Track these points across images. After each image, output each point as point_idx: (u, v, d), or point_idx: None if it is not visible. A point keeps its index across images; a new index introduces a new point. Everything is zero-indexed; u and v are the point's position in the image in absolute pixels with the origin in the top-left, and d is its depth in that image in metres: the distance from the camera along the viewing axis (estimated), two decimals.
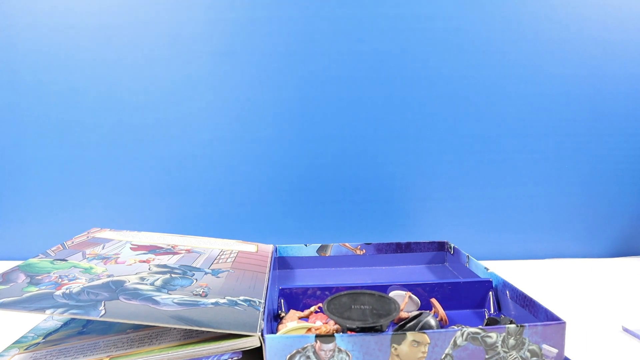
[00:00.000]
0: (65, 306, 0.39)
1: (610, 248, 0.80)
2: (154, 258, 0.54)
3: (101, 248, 0.56)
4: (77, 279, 0.45)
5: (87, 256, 0.52)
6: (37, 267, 0.47)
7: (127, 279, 0.46)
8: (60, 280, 0.44)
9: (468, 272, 0.62)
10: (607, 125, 0.77)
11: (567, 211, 0.77)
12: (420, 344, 0.39)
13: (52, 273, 0.46)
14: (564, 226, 0.80)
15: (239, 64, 0.75)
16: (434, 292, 0.53)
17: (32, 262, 0.48)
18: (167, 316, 0.39)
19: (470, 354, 0.40)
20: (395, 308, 0.41)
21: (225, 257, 0.58)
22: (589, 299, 0.58)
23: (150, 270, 0.50)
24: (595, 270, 0.71)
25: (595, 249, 0.80)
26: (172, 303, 0.42)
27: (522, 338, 0.40)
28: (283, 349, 0.38)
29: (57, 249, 0.53)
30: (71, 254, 0.52)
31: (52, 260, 0.49)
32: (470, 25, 0.75)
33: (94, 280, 0.45)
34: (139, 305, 0.41)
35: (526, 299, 0.47)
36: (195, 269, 0.52)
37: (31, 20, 0.74)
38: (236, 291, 0.47)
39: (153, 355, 0.38)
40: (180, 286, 0.47)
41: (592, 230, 0.80)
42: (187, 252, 0.59)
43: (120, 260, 0.52)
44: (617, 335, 0.48)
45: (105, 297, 0.42)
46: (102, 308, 0.39)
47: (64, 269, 0.47)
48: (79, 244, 0.56)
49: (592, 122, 0.77)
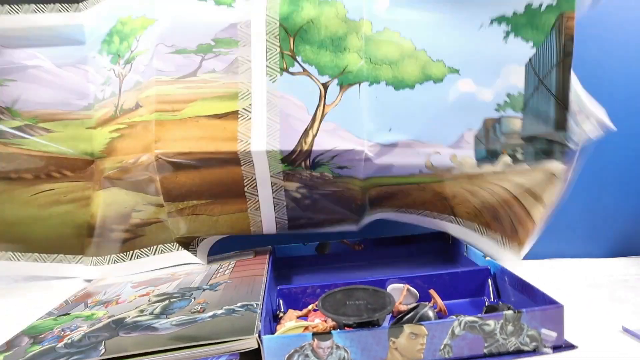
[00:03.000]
0: (67, 355, 0.39)
1: (610, 248, 0.80)
2: (153, 290, 0.55)
3: (102, 294, 0.56)
4: (79, 328, 0.45)
5: (89, 305, 0.53)
6: (40, 328, 0.47)
7: (127, 315, 0.47)
8: (62, 333, 0.44)
9: (467, 261, 0.62)
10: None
11: (567, 211, 0.77)
12: (418, 336, 0.39)
13: (54, 329, 0.46)
14: (564, 226, 0.79)
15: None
16: (432, 283, 0.52)
17: (36, 324, 0.48)
18: (165, 339, 0.40)
19: (469, 343, 0.40)
20: (390, 302, 0.41)
21: (223, 270, 0.58)
22: (589, 299, 0.58)
23: (150, 301, 0.50)
24: (595, 270, 0.71)
25: (595, 249, 0.79)
26: (171, 326, 0.43)
27: (520, 324, 0.40)
28: (281, 349, 0.38)
29: (60, 307, 0.54)
30: (74, 307, 0.53)
31: (55, 318, 0.50)
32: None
33: (96, 325, 0.45)
34: (138, 335, 0.41)
35: (524, 285, 0.47)
36: (193, 289, 0.52)
37: None
38: (234, 299, 0.47)
39: (151, 357, 0.38)
40: (179, 308, 0.47)
41: (592, 230, 0.79)
42: (186, 275, 0.59)
43: (121, 300, 0.53)
44: (617, 335, 0.48)
45: (105, 337, 0.42)
46: (102, 347, 0.40)
47: (67, 322, 0.48)
48: (81, 296, 0.57)
49: None
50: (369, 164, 0.53)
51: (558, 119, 0.52)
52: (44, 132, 0.64)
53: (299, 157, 0.54)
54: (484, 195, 0.58)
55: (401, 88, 0.53)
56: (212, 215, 0.58)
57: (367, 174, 0.55)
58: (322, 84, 0.53)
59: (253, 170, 0.55)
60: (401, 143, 0.53)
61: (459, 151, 0.54)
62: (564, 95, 0.52)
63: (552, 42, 0.52)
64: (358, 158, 0.53)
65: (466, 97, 0.53)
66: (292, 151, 0.53)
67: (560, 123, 0.52)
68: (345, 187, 0.56)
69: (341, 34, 0.52)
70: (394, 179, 0.57)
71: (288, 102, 0.53)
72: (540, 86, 0.52)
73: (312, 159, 0.54)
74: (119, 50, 0.61)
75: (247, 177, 0.56)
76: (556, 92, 0.52)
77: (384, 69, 0.53)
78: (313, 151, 0.53)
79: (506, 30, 0.53)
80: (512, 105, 0.53)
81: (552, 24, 0.51)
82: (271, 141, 0.53)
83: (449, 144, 0.54)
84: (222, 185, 0.56)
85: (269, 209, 0.58)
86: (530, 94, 0.53)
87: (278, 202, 0.58)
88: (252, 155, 0.53)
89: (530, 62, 0.52)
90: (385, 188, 0.59)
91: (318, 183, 0.56)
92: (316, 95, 0.53)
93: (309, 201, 0.58)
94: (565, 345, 0.41)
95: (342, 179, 0.56)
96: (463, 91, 0.53)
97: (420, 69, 0.53)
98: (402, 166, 0.54)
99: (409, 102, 0.53)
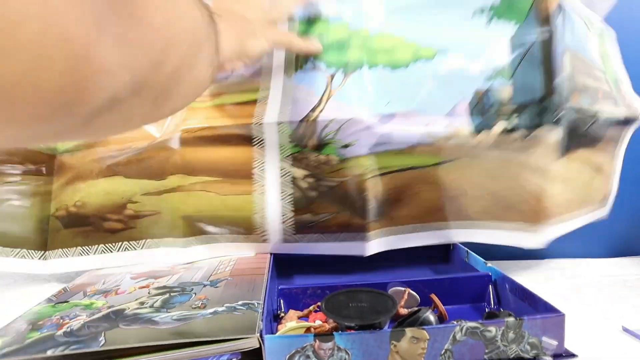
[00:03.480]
0: (66, 344, 0.39)
1: (610, 248, 0.80)
2: (153, 282, 0.54)
3: (101, 284, 0.56)
4: (78, 317, 0.45)
5: (87, 294, 0.53)
6: (38, 314, 0.47)
7: (127, 307, 0.47)
8: (61, 321, 0.44)
9: (468, 267, 0.62)
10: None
11: None
12: (419, 340, 0.39)
13: (53, 316, 0.46)
14: None
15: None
16: (433, 288, 0.52)
17: (34, 310, 0.48)
18: (166, 334, 0.40)
19: (470, 349, 0.40)
20: (393, 305, 0.41)
21: (223, 267, 0.58)
22: (589, 299, 0.58)
23: (150, 293, 0.50)
24: (595, 270, 0.71)
25: (595, 249, 0.79)
26: (171, 320, 0.43)
27: (521, 331, 0.40)
28: (282, 349, 0.38)
29: (59, 294, 0.54)
30: (72, 295, 0.52)
31: (53, 305, 0.50)
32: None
33: (95, 314, 0.45)
34: (139, 328, 0.41)
35: (525, 292, 0.47)
36: (194, 284, 0.52)
37: None
38: (235, 297, 0.47)
39: (152, 356, 0.38)
40: (179, 303, 0.47)
41: (592, 230, 0.79)
42: (186, 269, 0.59)
43: (121, 290, 0.53)
44: (617, 335, 0.48)
45: (105, 328, 0.42)
46: (102, 338, 0.40)
47: (66, 310, 0.47)
48: (79, 285, 0.57)
49: None
50: (370, 133, 0.57)
51: (547, 86, 0.56)
52: None
53: (307, 132, 0.58)
54: (494, 186, 0.61)
55: (397, 68, 0.59)
56: (220, 193, 0.61)
57: (370, 146, 0.58)
58: (329, 75, 0.59)
59: (264, 152, 0.60)
60: (399, 114, 0.57)
61: (454, 119, 0.57)
62: (550, 63, 0.56)
63: (531, 22, 0.57)
64: (360, 128, 0.57)
65: (456, 70, 0.58)
66: (300, 122, 0.58)
67: (550, 90, 0.55)
68: (351, 176, 0.59)
69: (344, 38, 0.60)
70: (397, 158, 0.59)
71: (300, 90, 0.60)
72: (527, 55, 0.56)
73: (319, 134, 0.58)
74: None
75: (258, 159, 0.60)
76: (543, 60, 0.56)
77: (381, 54, 0.60)
78: (319, 122, 0.57)
79: (488, 17, 0.59)
80: (501, 74, 0.57)
81: (530, 6, 0.57)
82: (282, 116, 0.58)
83: (444, 114, 0.57)
84: (234, 165, 0.61)
85: (275, 194, 0.60)
86: (518, 63, 0.57)
87: (284, 189, 0.60)
88: (264, 128, 0.58)
89: (514, 36, 0.57)
90: (391, 179, 0.60)
91: (325, 170, 0.59)
92: (324, 83, 0.59)
93: (315, 193, 0.60)
94: (566, 354, 0.41)
95: (347, 164, 0.59)
96: (453, 65, 0.58)
97: (411, 54, 0.59)
98: (401, 135, 0.57)
99: (404, 78, 0.59)
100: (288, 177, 0.60)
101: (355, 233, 0.61)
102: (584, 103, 0.58)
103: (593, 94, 0.60)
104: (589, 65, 0.62)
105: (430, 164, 0.60)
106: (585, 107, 0.58)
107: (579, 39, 0.61)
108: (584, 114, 0.58)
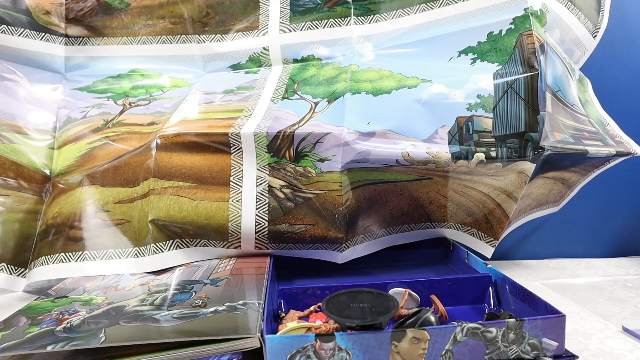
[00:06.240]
0: (66, 339, 0.39)
1: (610, 248, 0.80)
2: (153, 279, 0.54)
3: (101, 279, 0.56)
4: (77, 312, 0.45)
5: (87, 289, 0.53)
6: (38, 309, 0.47)
7: (127, 304, 0.47)
8: (61, 317, 0.44)
9: (467, 268, 0.62)
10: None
11: (567, 211, 0.77)
12: (420, 340, 0.39)
13: (52, 311, 0.46)
14: (564, 226, 0.80)
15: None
16: (433, 289, 0.53)
17: (33, 304, 0.48)
18: (166, 332, 0.40)
19: (470, 350, 0.40)
20: (394, 305, 0.41)
21: (223, 266, 0.58)
22: (589, 299, 0.58)
23: (150, 290, 0.50)
24: (595, 270, 0.71)
25: (595, 249, 0.79)
26: (172, 318, 0.43)
27: (522, 332, 0.40)
28: (283, 349, 0.38)
29: (58, 288, 0.54)
30: (72, 290, 0.52)
31: (52, 299, 0.49)
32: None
33: (95, 310, 0.45)
34: (139, 326, 0.41)
35: (526, 293, 0.47)
36: (194, 282, 0.52)
37: None
38: (235, 296, 0.47)
39: (153, 356, 0.38)
40: (180, 301, 0.47)
41: (592, 230, 0.80)
42: (186, 267, 0.58)
43: (120, 287, 0.53)
44: (617, 335, 0.48)
45: (105, 324, 0.42)
46: (103, 335, 0.40)
47: (65, 305, 0.47)
48: (78, 279, 0.57)
49: None
50: (348, 149, 0.57)
51: (528, 121, 0.56)
52: (6, 141, 0.66)
53: (284, 143, 0.58)
54: (459, 199, 0.63)
55: (379, 94, 0.60)
56: (193, 199, 0.60)
57: (346, 163, 0.58)
58: (313, 102, 0.62)
59: (242, 161, 0.60)
60: (378, 133, 0.58)
61: (433, 146, 0.57)
62: (533, 99, 0.56)
63: (517, 58, 0.58)
64: (337, 143, 0.57)
65: (439, 97, 0.59)
66: (277, 135, 0.58)
67: (531, 125, 0.55)
68: (327, 190, 0.59)
69: (334, 75, 0.64)
70: (372, 174, 0.60)
71: (283, 113, 0.62)
72: (510, 90, 0.57)
73: (296, 146, 0.58)
74: (127, 91, 0.73)
75: (235, 167, 0.60)
76: (525, 96, 0.56)
77: (365, 84, 0.62)
78: (296, 134, 0.58)
79: (473, 57, 0.60)
80: (483, 105, 0.58)
81: (514, 44, 0.58)
82: (260, 128, 0.59)
83: (424, 138, 0.58)
84: (210, 172, 0.61)
85: (250, 203, 0.59)
86: (500, 96, 0.57)
87: (260, 198, 0.59)
88: (240, 138, 0.59)
89: (497, 71, 0.58)
90: (364, 191, 0.61)
91: (301, 182, 0.59)
92: (307, 109, 0.62)
93: (292, 204, 0.59)
94: (566, 355, 0.41)
95: (323, 177, 0.59)
96: (436, 92, 0.59)
97: (396, 82, 0.61)
98: (379, 154, 0.57)
99: (386, 103, 0.60)
100: (265, 186, 0.60)
101: (329, 244, 0.60)
102: (567, 142, 0.58)
103: (577, 133, 0.60)
104: (570, 107, 0.62)
105: (403, 180, 0.61)
106: (569, 146, 0.57)
107: (561, 82, 0.61)
108: (567, 151, 0.57)
